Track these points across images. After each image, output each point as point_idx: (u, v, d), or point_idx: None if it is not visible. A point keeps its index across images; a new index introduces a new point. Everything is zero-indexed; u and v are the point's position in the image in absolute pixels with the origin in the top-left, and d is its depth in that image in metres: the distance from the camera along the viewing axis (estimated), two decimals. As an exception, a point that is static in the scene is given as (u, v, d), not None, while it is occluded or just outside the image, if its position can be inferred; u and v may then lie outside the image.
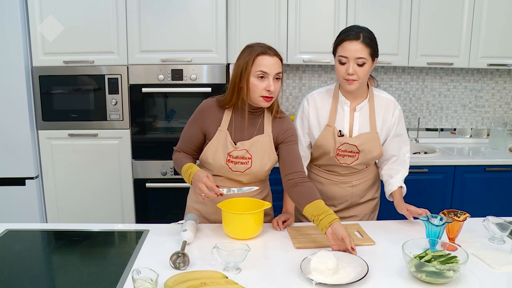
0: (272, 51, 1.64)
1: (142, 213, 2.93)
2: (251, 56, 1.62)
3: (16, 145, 2.72)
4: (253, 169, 1.71)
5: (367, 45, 1.71)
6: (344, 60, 1.72)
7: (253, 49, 1.63)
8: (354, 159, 1.85)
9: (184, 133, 1.78)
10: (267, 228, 1.73)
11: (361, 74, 1.72)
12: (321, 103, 1.87)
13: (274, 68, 1.62)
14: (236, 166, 1.70)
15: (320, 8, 2.93)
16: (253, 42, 1.69)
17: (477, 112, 3.51)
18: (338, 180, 1.91)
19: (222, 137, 1.70)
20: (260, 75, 1.62)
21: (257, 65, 1.61)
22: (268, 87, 1.62)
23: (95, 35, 2.70)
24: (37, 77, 2.72)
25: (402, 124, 1.91)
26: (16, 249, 1.57)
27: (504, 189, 2.92)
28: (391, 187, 1.86)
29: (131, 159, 2.85)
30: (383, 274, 1.36)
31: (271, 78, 1.62)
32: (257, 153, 1.71)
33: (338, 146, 1.82)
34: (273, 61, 1.62)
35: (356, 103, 1.85)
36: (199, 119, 1.73)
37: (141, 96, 2.78)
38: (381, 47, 3.01)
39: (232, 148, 1.69)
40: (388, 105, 1.87)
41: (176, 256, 1.40)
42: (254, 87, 1.63)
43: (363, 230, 1.70)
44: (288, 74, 3.36)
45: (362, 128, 1.84)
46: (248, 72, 1.62)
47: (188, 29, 2.73)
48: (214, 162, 1.71)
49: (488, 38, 3.03)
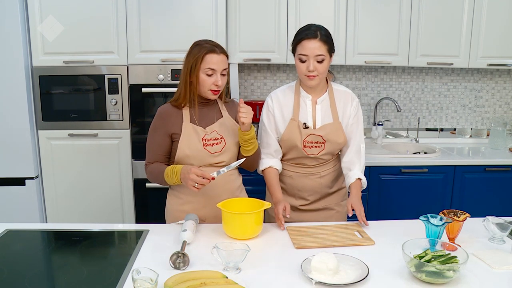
0: (219, 49, 1.77)
1: (142, 213, 2.93)
2: (200, 54, 1.74)
3: (16, 145, 2.72)
4: (228, 147, 1.83)
5: (325, 42, 1.80)
6: (304, 58, 1.81)
7: (202, 47, 1.75)
8: (321, 149, 1.92)
9: (151, 144, 1.83)
10: (267, 228, 1.73)
11: (321, 70, 1.81)
12: (284, 99, 1.95)
13: (221, 65, 1.76)
14: (213, 148, 1.80)
15: (320, 8, 2.93)
16: (201, 39, 1.81)
17: (477, 112, 3.51)
18: (306, 172, 1.97)
19: (190, 128, 1.79)
20: (208, 72, 1.74)
21: (206, 63, 1.74)
22: (216, 82, 1.75)
23: (95, 35, 2.70)
24: (37, 77, 2.72)
25: (359, 116, 1.97)
26: (16, 249, 1.57)
27: (504, 189, 2.92)
28: (349, 179, 1.93)
29: (131, 159, 2.85)
30: (383, 274, 1.36)
31: (218, 74, 1.75)
32: (226, 132, 1.84)
33: (305, 137, 1.90)
34: (220, 59, 1.76)
35: (317, 96, 1.93)
36: (160, 125, 1.80)
37: (141, 96, 2.78)
38: (381, 47, 3.06)
39: (203, 133, 1.80)
40: (346, 97, 1.96)
41: (176, 256, 1.40)
42: (204, 82, 1.75)
43: (363, 230, 1.71)
44: (288, 74, 3.36)
45: (324, 119, 1.93)
46: (197, 69, 1.74)
47: (188, 29, 2.73)
48: (192, 152, 1.78)
49: (488, 38, 3.03)
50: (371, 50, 3.02)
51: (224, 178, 1.81)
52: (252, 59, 2.96)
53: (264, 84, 3.38)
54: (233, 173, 1.90)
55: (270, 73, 3.36)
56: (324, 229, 1.73)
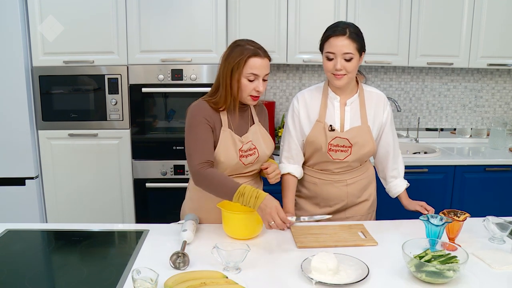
0: (263, 52, 1.66)
1: (142, 213, 2.93)
2: (243, 57, 1.62)
3: (16, 145, 2.72)
4: (260, 157, 1.77)
5: (354, 40, 1.71)
6: (331, 56, 1.73)
7: (244, 49, 1.63)
8: (347, 154, 1.83)
9: (196, 141, 1.65)
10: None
11: (349, 69, 1.73)
12: (310, 100, 1.88)
13: (264, 70, 1.65)
14: (247, 159, 1.74)
15: (320, 8, 2.93)
16: (241, 39, 1.70)
17: (477, 112, 3.51)
18: (332, 179, 1.89)
19: (228, 136, 1.70)
20: (250, 77, 1.64)
21: (249, 67, 1.62)
22: (257, 88, 1.65)
23: (95, 35, 2.70)
24: (37, 77, 2.72)
25: (393, 121, 1.94)
26: (16, 249, 1.57)
27: (504, 189, 2.92)
28: (399, 188, 1.93)
29: (131, 159, 2.85)
30: (383, 274, 1.36)
31: (260, 79, 1.65)
32: (258, 141, 1.78)
33: (330, 140, 1.82)
34: (264, 63, 1.65)
35: (346, 98, 1.85)
36: (203, 121, 1.67)
37: (141, 96, 2.78)
38: (381, 47, 3.05)
39: (241, 144, 1.72)
40: (379, 100, 1.87)
41: (176, 256, 1.40)
42: (245, 87, 1.65)
43: (366, 231, 1.70)
44: (288, 74, 3.36)
45: (353, 122, 1.84)
46: (239, 73, 1.63)
47: (188, 29, 2.73)
48: (227, 161, 1.70)
49: (488, 38, 3.03)
50: (371, 50, 2.98)
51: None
52: (252, 59, 2.96)
53: (264, 84, 3.38)
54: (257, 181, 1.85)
55: (270, 73, 3.35)
56: (327, 229, 1.72)
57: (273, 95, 3.39)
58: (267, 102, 3.20)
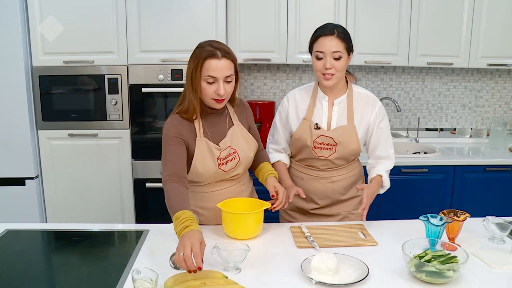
0: (221, 52, 1.55)
1: (142, 213, 2.93)
2: (200, 59, 1.55)
3: (16, 145, 2.72)
4: (242, 160, 1.73)
5: (342, 40, 1.76)
6: (321, 55, 1.77)
7: (202, 51, 1.56)
8: (332, 152, 1.87)
9: (169, 155, 1.60)
10: (267, 228, 1.73)
11: (338, 68, 1.77)
12: (300, 99, 1.93)
13: (223, 72, 1.55)
14: (227, 165, 1.70)
15: (320, 8, 2.93)
16: (206, 41, 1.62)
17: (477, 112, 3.51)
18: (317, 175, 1.93)
19: (204, 146, 1.66)
20: (208, 80, 1.56)
21: (205, 70, 1.55)
22: (218, 91, 1.57)
23: (95, 35, 2.70)
24: (37, 77, 2.72)
25: (385, 121, 1.92)
26: (16, 249, 1.57)
27: (504, 189, 2.92)
28: (371, 175, 1.90)
29: (131, 159, 2.85)
30: (383, 274, 1.36)
31: (220, 81, 1.56)
32: (238, 144, 1.73)
33: (315, 138, 1.87)
34: (222, 64, 1.55)
35: (334, 98, 1.89)
36: (175, 136, 1.61)
37: (141, 96, 2.78)
38: (381, 47, 3.06)
39: (218, 152, 1.67)
40: (367, 101, 1.90)
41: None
42: (205, 91, 1.58)
43: (366, 231, 1.70)
44: (288, 74, 3.36)
45: (340, 122, 1.88)
46: (197, 77, 1.56)
47: (188, 29, 2.73)
48: (205, 171, 1.66)
49: (488, 38, 3.03)
50: (371, 50, 3.02)
51: (236, 190, 1.77)
52: (252, 59, 2.96)
53: (264, 84, 3.38)
54: (244, 182, 1.83)
55: (270, 73, 3.36)
56: (327, 229, 1.72)
57: (273, 95, 3.39)
58: (267, 102, 3.21)
